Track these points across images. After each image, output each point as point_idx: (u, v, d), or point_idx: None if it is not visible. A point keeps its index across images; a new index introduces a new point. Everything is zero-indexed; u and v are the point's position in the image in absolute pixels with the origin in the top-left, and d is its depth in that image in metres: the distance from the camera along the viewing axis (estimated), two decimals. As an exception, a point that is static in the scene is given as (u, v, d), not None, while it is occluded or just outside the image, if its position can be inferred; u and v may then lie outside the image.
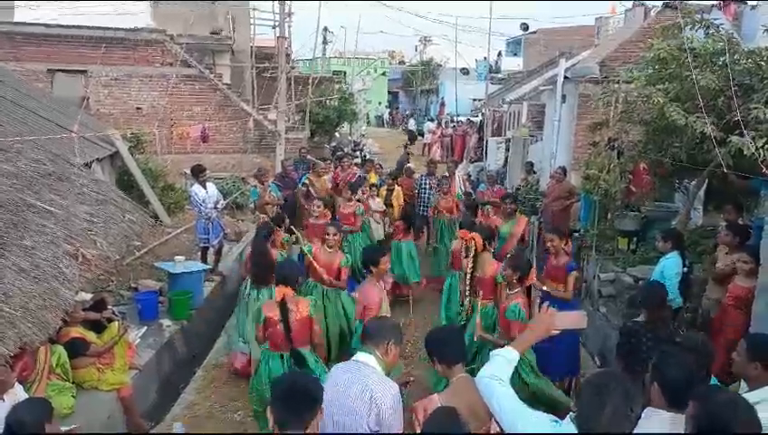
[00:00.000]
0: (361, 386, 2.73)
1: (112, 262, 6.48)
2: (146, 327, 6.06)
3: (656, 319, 4.07)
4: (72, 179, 6.13)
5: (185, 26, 14.05)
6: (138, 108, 13.92)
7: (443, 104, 32.63)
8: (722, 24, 6.35)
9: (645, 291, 4.55)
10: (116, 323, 5.36)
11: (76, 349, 4.76)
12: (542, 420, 2.23)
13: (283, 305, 4.23)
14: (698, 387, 2.38)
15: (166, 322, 6.25)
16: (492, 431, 2.79)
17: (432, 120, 28.42)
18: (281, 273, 4.51)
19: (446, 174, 9.81)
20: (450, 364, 2.99)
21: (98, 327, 5.28)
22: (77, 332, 4.94)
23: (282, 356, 4.33)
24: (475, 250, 5.24)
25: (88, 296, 5.94)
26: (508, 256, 5.39)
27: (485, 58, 26.01)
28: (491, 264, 5.33)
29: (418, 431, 2.80)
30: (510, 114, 17.79)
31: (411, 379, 3.64)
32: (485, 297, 5.24)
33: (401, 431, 2.77)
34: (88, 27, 13.02)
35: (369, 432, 2.70)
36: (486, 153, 17.62)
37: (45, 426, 2.87)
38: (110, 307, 6.05)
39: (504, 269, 4.72)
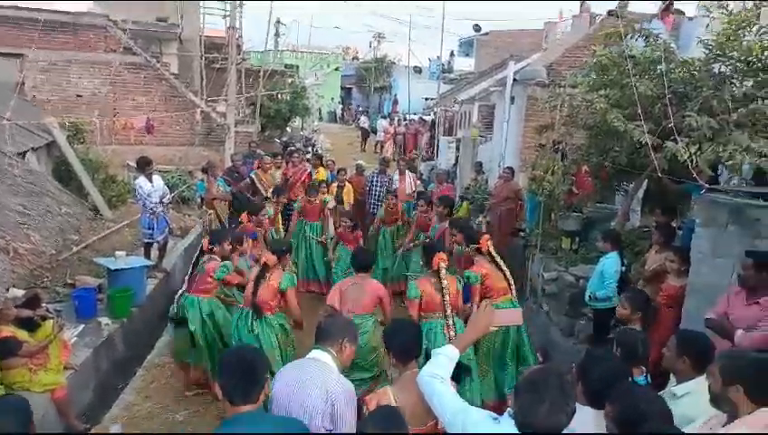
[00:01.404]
0: (319, 384, 2.72)
1: (47, 257, 6.20)
2: (83, 325, 5.81)
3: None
4: (3, 169, 5.82)
5: (129, 12, 13.53)
6: (78, 95, 13.34)
7: (396, 102, 32.78)
8: (660, 34, 6.63)
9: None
10: (50, 321, 5.12)
11: (7, 349, 4.50)
12: (483, 417, 2.28)
13: (262, 269, 4.78)
14: (615, 387, 2.48)
15: (104, 320, 6.01)
16: (439, 428, 2.84)
17: (385, 117, 28.49)
18: (274, 244, 5.22)
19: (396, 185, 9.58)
20: (405, 358, 3.03)
21: (31, 325, 5.02)
22: (8, 330, 4.67)
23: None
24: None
25: (20, 293, 5.66)
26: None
27: (438, 57, 26.29)
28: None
29: None
30: (461, 114, 18.05)
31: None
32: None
33: (354, 429, 2.77)
34: (27, 9, 12.35)
35: (324, 431, 2.69)
36: (438, 152, 17.82)
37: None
38: (44, 304, 5.77)
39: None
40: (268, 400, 2.84)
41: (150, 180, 7.42)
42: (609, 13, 10.49)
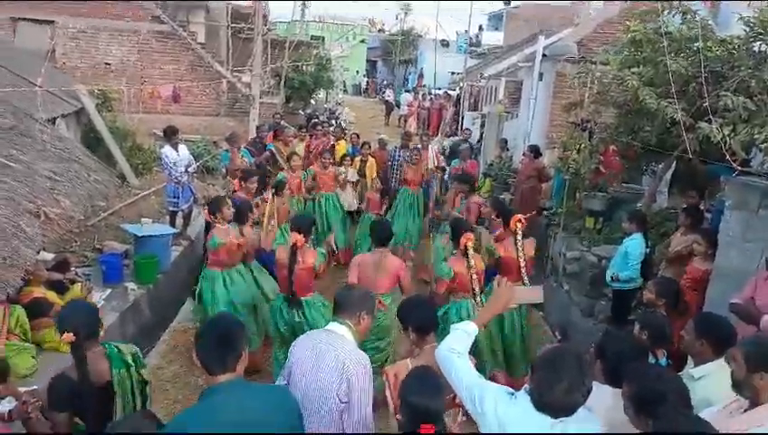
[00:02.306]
0: (334, 356, 2.72)
1: (76, 222, 6.34)
2: (110, 290, 5.97)
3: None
4: (34, 135, 5.93)
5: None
6: (106, 63, 13.46)
7: (421, 76, 32.37)
8: (699, 11, 6.39)
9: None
10: (79, 284, 5.27)
11: (38, 310, 4.67)
12: (499, 392, 2.29)
13: (293, 252, 4.50)
14: (630, 366, 2.48)
15: (131, 285, 6.16)
16: (457, 401, 2.86)
17: (409, 91, 28.18)
18: (296, 221, 4.83)
19: (419, 145, 9.70)
20: (422, 333, 3.06)
21: (61, 288, 5.18)
22: (39, 292, 4.85)
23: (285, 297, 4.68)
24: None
25: (50, 256, 5.83)
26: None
27: (466, 31, 25.81)
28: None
29: (390, 395, 2.87)
30: (487, 89, 17.76)
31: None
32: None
33: (370, 403, 2.80)
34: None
35: (338, 405, 2.70)
36: (463, 127, 17.62)
37: None
38: (73, 268, 5.94)
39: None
40: (285, 371, 2.88)
41: (176, 149, 7.51)
42: (646, -13, 10.13)
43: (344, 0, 42.57)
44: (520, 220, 5.01)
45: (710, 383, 2.73)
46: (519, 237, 4.94)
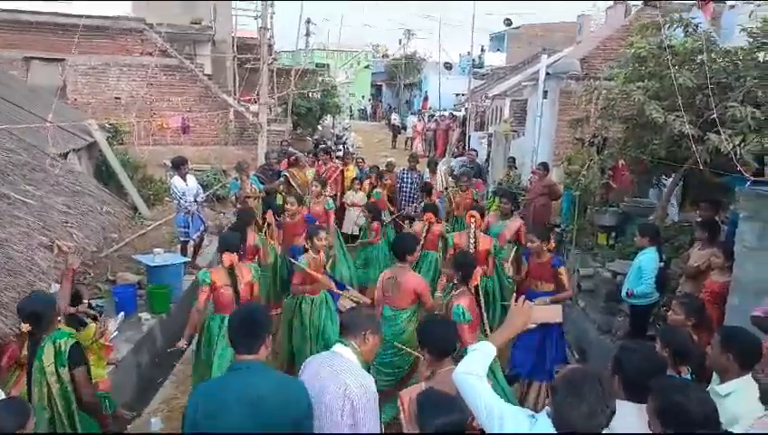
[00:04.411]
0: (337, 378, 2.72)
1: (89, 254, 6.38)
2: (123, 313, 5.96)
3: None
4: (47, 170, 6.02)
5: (165, 15, 13.82)
6: (116, 97, 13.69)
7: (426, 98, 32.66)
8: (700, 24, 6.43)
9: None
10: (93, 325, 5.23)
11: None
12: (520, 415, 2.25)
13: (231, 271, 4.63)
14: (654, 380, 2.41)
15: (144, 315, 6.17)
16: (475, 424, 2.81)
17: (415, 114, 28.40)
18: (224, 241, 4.85)
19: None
20: (439, 356, 3.01)
21: (77, 323, 5.17)
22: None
23: (222, 318, 4.65)
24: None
25: (64, 289, 5.83)
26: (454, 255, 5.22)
27: (469, 53, 26.05)
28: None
29: (404, 420, 2.82)
30: (492, 109, 17.87)
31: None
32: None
33: (377, 424, 2.76)
34: (66, 15, 12.73)
35: (346, 426, 2.68)
36: (469, 148, 17.66)
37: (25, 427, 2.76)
38: (85, 300, 5.94)
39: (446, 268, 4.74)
40: None
41: (184, 179, 7.58)
42: (646, 3, 10.23)
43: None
44: (473, 215, 5.70)
45: (738, 399, 2.66)
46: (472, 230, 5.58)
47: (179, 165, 7.67)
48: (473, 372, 2.48)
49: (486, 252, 6.03)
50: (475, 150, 13.21)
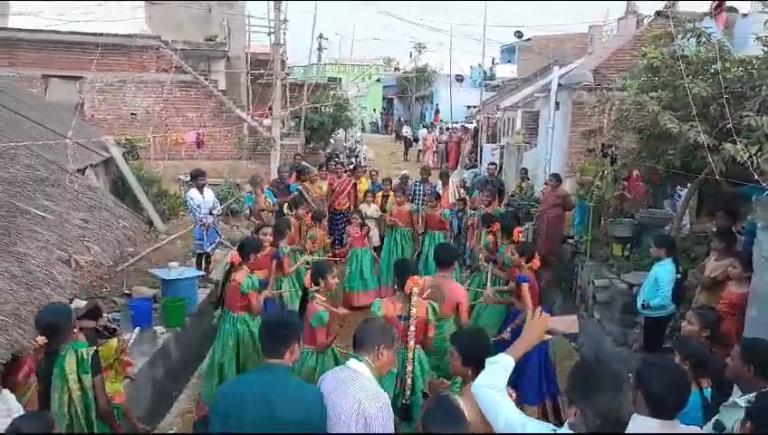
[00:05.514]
0: (351, 394, 2.70)
1: (106, 268, 6.45)
2: (138, 328, 6.01)
3: None
4: (65, 185, 6.11)
5: (180, 32, 14.06)
6: (132, 114, 13.90)
7: (437, 111, 32.75)
8: (713, 33, 6.40)
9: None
10: (114, 341, 5.26)
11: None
12: (542, 428, 2.23)
13: (229, 269, 4.92)
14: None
15: (159, 329, 6.21)
16: None
17: (426, 126, 28.51)
18: (242, 242, 5.17)
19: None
20: (475, 370, 2.83)
21: (98, 338, 5.21)
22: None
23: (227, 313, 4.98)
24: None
25: (83, 304, 5.89)
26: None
27: (480, 65, 26.15)
28: None
29: None
30: (504, 121, 17.87)
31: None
32: None
33: None
34: (83, 33, 13.00)
35: None
36: (481, 159, 17.67)
37: None
38: (104, 315, 6.00)
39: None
40: None
41: (201, 192, 7.66)
42: (658, 13, 10.22)
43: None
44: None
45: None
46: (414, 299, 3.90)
47: (196, 177, 7.76)
48: (493, 385, 2.46)
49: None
50: (494, 164, 13.05)
